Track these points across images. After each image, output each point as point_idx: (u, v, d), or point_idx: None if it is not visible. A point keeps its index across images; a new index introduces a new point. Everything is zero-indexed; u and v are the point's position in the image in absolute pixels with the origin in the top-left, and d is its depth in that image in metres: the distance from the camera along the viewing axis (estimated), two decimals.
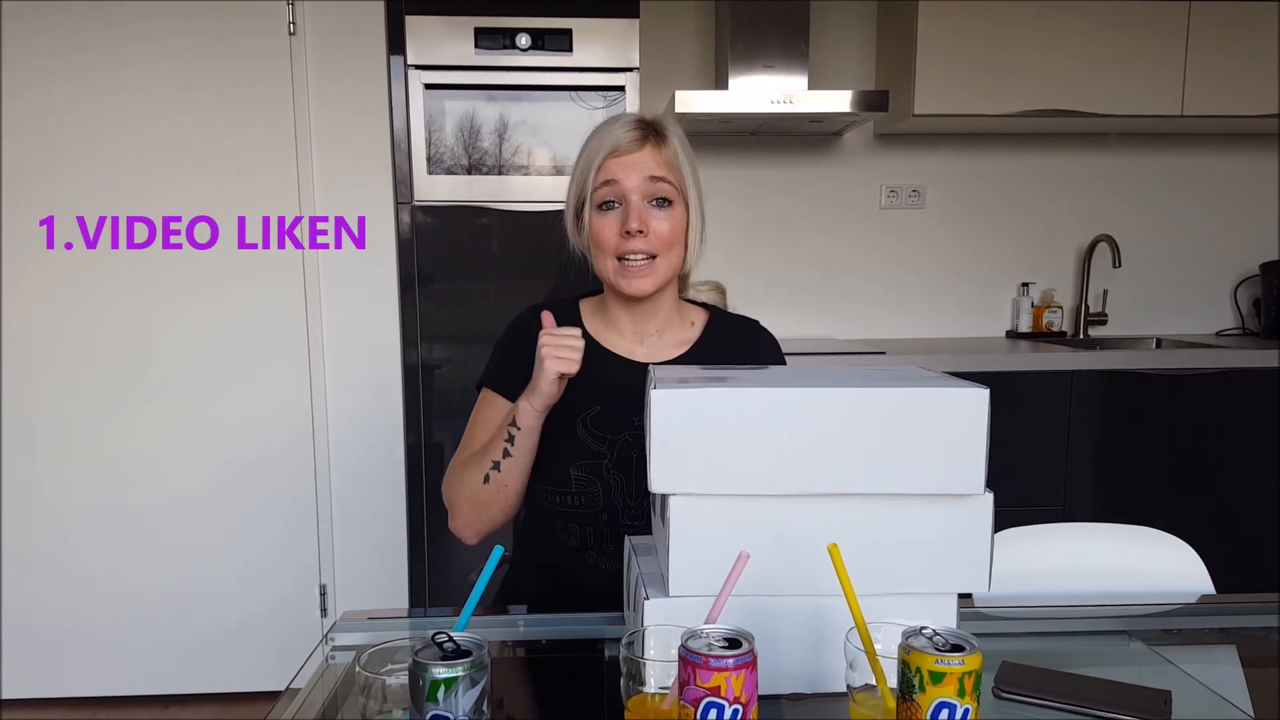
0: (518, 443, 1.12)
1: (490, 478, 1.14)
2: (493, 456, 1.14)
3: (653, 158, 1.16)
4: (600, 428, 1.18)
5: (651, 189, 1.16)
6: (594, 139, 1.19)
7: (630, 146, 1.15)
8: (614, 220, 1.17)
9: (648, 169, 1.16)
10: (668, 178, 1.17)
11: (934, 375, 0.88)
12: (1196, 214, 2.96)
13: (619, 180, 1.15)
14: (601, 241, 1.18)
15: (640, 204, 1.16)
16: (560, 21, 2.17)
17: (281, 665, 2.39)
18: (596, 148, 1.17)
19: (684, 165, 1.19)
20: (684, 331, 1.28)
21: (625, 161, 1.15)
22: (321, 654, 0.96)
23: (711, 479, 0.80)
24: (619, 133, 1.16)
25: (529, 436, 1.12)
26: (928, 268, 2.93)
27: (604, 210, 1.17)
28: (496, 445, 1.14)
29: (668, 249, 1.18)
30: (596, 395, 1.17)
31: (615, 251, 1.17)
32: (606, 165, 1.16)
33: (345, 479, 2.44)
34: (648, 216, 1.16)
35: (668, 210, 1.18)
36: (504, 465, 1.13)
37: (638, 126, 1.17)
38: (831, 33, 2.78)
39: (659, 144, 1.17)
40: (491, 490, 1.15)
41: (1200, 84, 2.54)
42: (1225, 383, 2.42)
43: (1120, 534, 1.27)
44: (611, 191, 1.16)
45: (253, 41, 2.27)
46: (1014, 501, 1.67)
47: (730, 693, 0.63)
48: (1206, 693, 0.88)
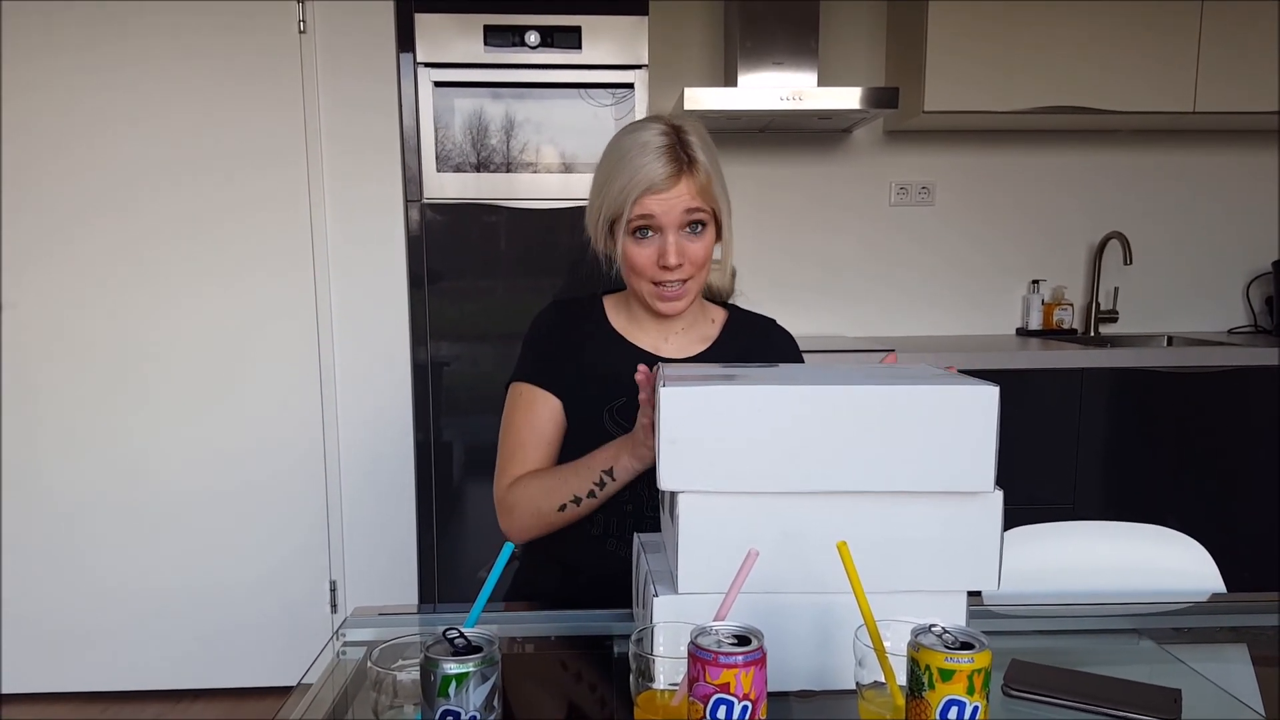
0: (606, 490, 1.13)
1: (567, 509, 1.16)
2: (575, 491, 1.15)
3: (688, 189, 1.16)
4: (625, 418, 1.20)
5: (686, 219, 1.18)
6: (626, 166, 1.16)
7: (666, 184, 1.15)
8: (651, 250, 1.18)
9: (684, 203, 1.16)
10: (702, 205, 1.18)
11: (943, 373, 0.88)
12: (1208, 211, 2.94)
13: (656, 215, 1.16)
14: (638, 267, 1.20)
15: (676, 236, 1.17)
16: (569, 19, 2.17)
17: (292, 661, 2.39)
18: (630, 183, 1.15)
19: (716, 186, 1.19)
20: (705, 329, 1.31)
21: (662, 199, 1.15)
22: (332, 650, 0.97)
23: (720, 476, 0.80)
24: (653, 166, 1.14)
25: (619, 487, 1.14)
26: (937, 265, 2.92)
27: (639, 238, 1.18)
28: (582, 482, 1.14)
29: (701, 269, 1.21)
30: (622, 388, 1.19)
31: (651, 278, 1.20)
32: (643, 201, 1.15)
33: (355, 475, 2.45)
34: (684, 246, 1.18)
35: (701, 234, 1.19)
36: (585, 504, 1.15)
37: (670, 158, 1.15)
38: (841, 29, 2.77)
39: (692, 172, 1.16)
40: (564, 518, 1.17)
41: (1212, 80, 2.52)
42: (1237, 381, 2.41)
43: (1130, 532, 1.27)
44: (648, 223, 1.17)
45: (263, 39, 2.28)
46: (1024, 500, 1.67)
47: (740, 689, 0.63)
48: (1217, 691, 0.88)
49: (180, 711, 2.40)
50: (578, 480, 1.15)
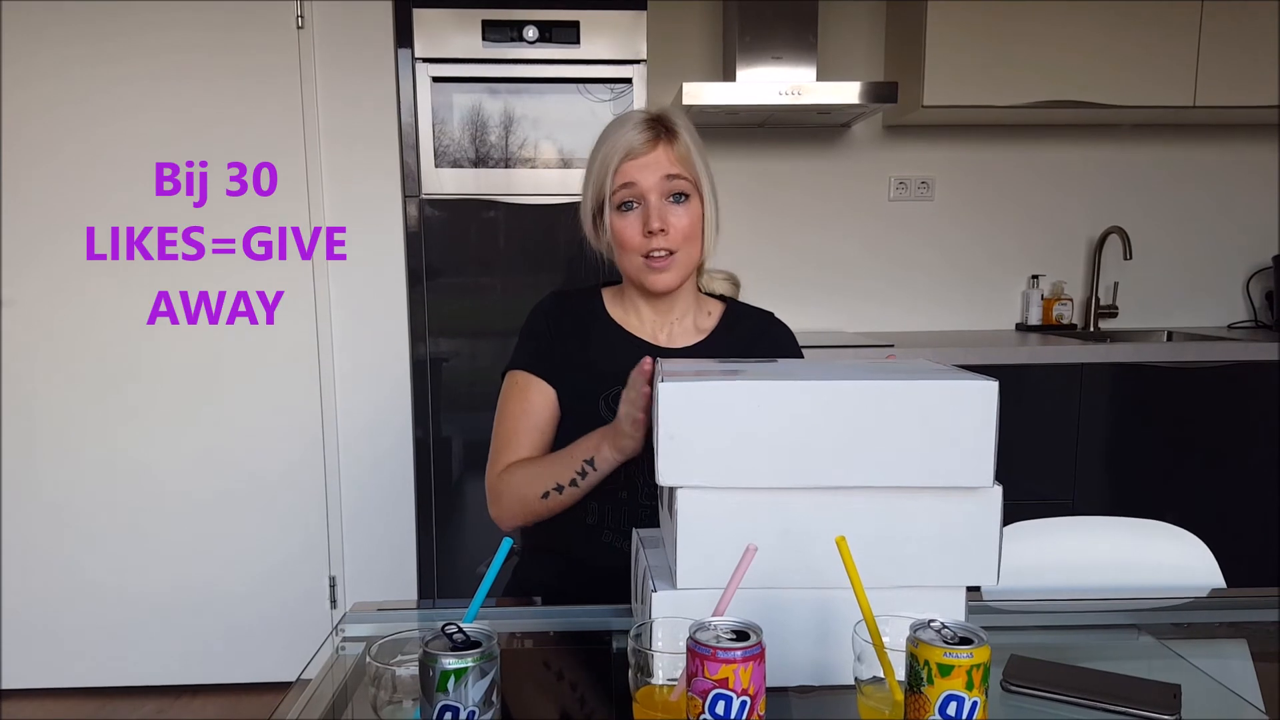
0: (588, 479, 1.13)
1: (550, 496, 1.16)
2: (558, 479, 1.15)
3: (666, 156, 1.20)
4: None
5: (668, 186, 1.20)
6: (606, 142, 1.22)
7: (644, 148, 1.19)
8: (635, 220, 1.20)
9: (663, 168, 1.19)
10: (683, 174, 1.21)
11: (942, 368, 0.88)
12: (1208, 206, 2.94)
13: (636, 182, 1.19)
14: (625, 241, 1.22)
15: (659, 203, 1.20)
16: (568, 14, 2.17)
17: (291, 657, 2.40)
18: (610, 151, 1.20)
19: (696, 158, 1.22)
20: (702, 320, 1.32)
21: (641, 163, 1.19)
22: (331, 645, 0.97)
23: (719, 472, 0.80)
24: (631, 134, 1.19)
25: (600, 477, 1.13)
26: (936, 260, 2.92)
27: (624, 211, 1.21)
28: (565, 470, 1.14)
29: (688, 242, 1.22)
30: (618, 376, 1.18)
31: (639, 250, 1.21)
32: (623, 168, 1.19)
33: (354, 471, 2.45)
34: (667, 213, 1.20)
35: (685, 205, 1.21)
36: (568, 492, 1.15)
37: (649, 126, 1.20)
38: (840, 24, 2.77)
39: (671, 141, 1.20)
40: (547, 506, 1.17)
41: (1212, 74, 2.52)
42: (1237, 376, 2.41)
43: (1130, 528, 1.27)
44: (630, 193, 1.20)
45: (261, 35, 2.27)
46: (1023, 495, 1.67)
47: (738, 684, 0.63)
48: (1216, 687, 0.88)
49: (179, 708, 2.41)
50: (560, 469, 1.15)
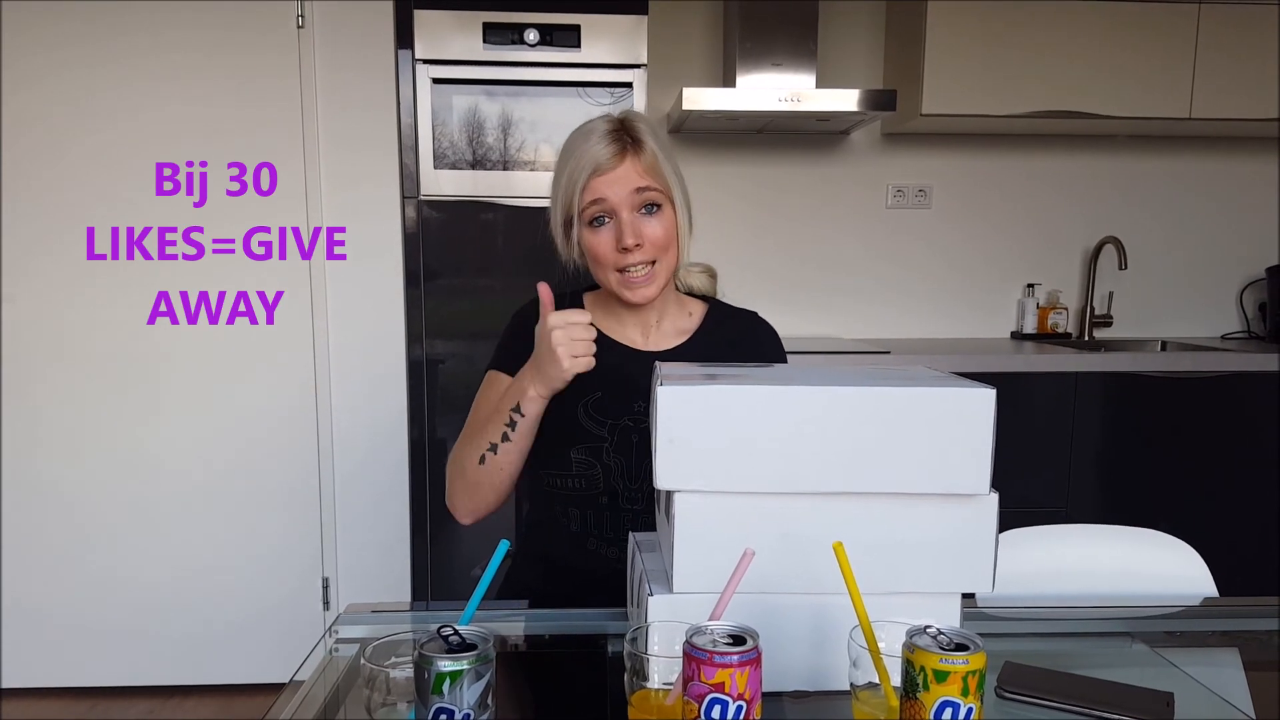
0: (519, 428, 1.11)
1: (486, 459, 1.13)
2: (490, 439, 1.13)
3: (634, 168, 1.16)
4: (601, 413, 1.19)
5: (638, 199, 1.17)
6: (572, 157, 1.18)
7: (611, 163, 1.15)
8: (608, 236, 1.18)
9: (632, 181, 1.16)
10: (652, 184, 1.17)
11: (940, 375, 0.88)
12: (1203, 217, 2.95)
13: (606, 198, 1.16)
14: (598, 256, 1.19)
15: (630, 216, 1.16)
16: (569, 17, 2.17)
17: (284, 658, 2.39)
18: (577, 168, 1.16)
19: (664, 164, 1.19)
20: (683, 321, 1.30)
21: (609, 179, 1.15)
22: (325, 647, 0.96)
23: (717, 476, 0.80)
24: (597, 149, 1.15)
25: (530, 423, 1.12)
26: (933, 268, 2.92)
27: (595, 226, 1.18)
28: (495, 427, 1.13)
29: (664, 252, 1.19)
30: (598, 382, 1.17)
31: (614, 265, 1.18)
32: (591, 185, 1.16)
33: (349, 472, 2.45)
34: (640, 226, 1.17)
35: (658, 215, 1.18)
36: (501, 449, 1.12)
37: (614, 139, 1.16)
38: (840, 31, 2.78)
39: (638, 152, 1.17)
40: (485, 472, 1.14)
41: (1209, 86, 2.53)
42: (1230, 386, 2.42)
43: (1124, 536, 1.27)
44: (600, 209, 1.17)
45: (261, 36, 2.27)
46: (1018, 502, 1.67)
47: (734, 689, 0.63)
48: (1209, 695, 0.88)
49: (171, 708, 2.40)
50: (491, 427, 1.13)
